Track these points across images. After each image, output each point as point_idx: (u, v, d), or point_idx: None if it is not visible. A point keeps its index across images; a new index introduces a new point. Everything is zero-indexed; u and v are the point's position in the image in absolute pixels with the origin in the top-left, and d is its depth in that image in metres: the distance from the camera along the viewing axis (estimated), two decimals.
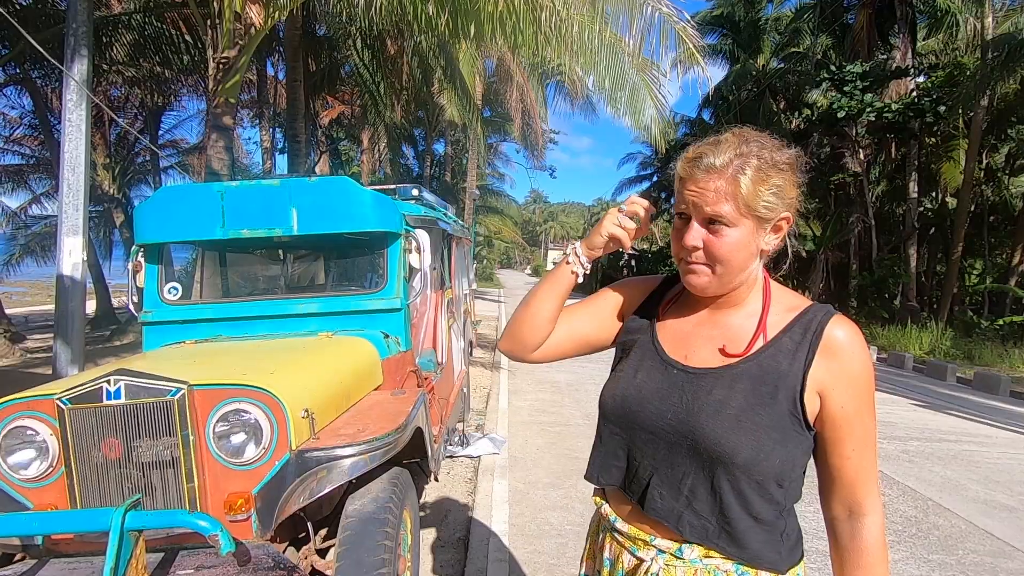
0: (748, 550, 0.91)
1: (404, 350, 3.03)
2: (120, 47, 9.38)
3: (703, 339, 0.99)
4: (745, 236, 0.90)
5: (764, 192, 0.88)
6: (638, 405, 0.98)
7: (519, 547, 3.18)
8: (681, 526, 0.93)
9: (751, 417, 0.89)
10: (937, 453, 5.15)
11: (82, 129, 4.72)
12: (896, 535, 3.50)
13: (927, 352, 11.34)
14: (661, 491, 0.95)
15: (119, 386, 1.80)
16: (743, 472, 0.89)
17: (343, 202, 2.86)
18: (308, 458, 1.89)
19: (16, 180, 16.11)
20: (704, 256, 0.91)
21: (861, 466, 0.92)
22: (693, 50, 6.07)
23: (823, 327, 0.91)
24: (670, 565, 0.94)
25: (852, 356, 0.90)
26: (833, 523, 0.97)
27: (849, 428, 0.90)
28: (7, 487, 1.86)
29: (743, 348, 0.94)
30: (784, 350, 0.92)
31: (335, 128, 19.92)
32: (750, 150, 0.88)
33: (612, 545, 1.04)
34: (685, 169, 0.91)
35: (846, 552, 0.94)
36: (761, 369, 0.92)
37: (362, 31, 10.05)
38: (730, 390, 0.92)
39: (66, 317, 4.70)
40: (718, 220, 0.89)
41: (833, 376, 0.90)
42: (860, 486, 0.92)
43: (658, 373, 0.99)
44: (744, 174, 0.87)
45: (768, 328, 0.95)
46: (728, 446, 0.88)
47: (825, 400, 0.90)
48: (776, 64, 19.32)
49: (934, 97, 12.86)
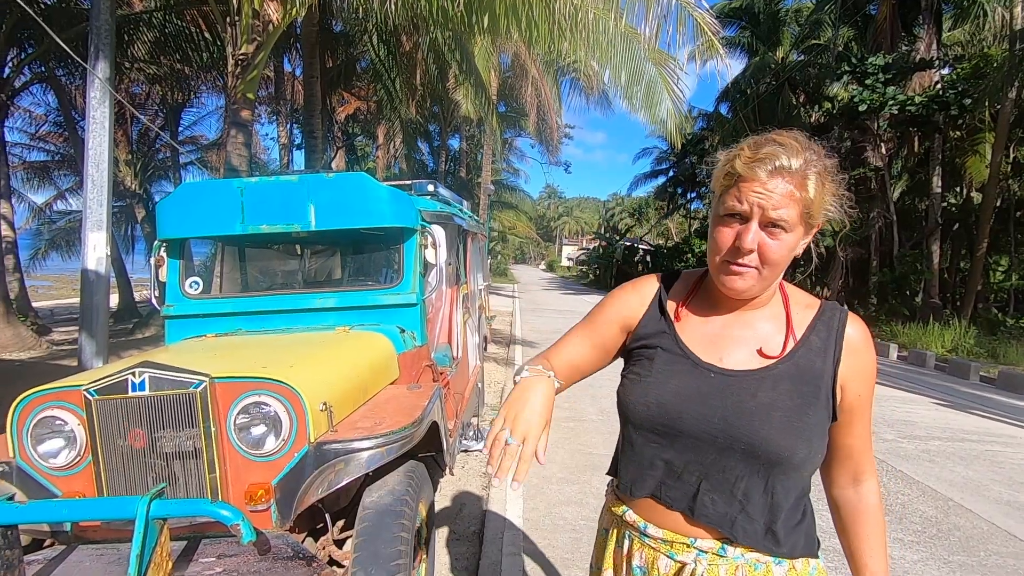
0: (787, 547, 0.96)
1: (420, 345, 3.06)
2: (141, 45, 9.54)
3: (735, 341, 0.98)
4: (796, 240, 0.90)
5: (825, 199, 0.89)
6: (678, 412, 0.96)
7: (533, 541, 3.20)
8: (735, 531, 0.94)
9: (801, 418, 0.92)
10: (959, 453, 5.06)
11: (105, 126, 4.81)
12: (916, 535, 3.45)
13: (949, 350, 11.12)
14: (712, 496, 0.95)
15: (144, 378, 1.84)
16: (796, 471, 0.94)
17: (360, 198, 2.88)
18: (326, 450, 1.92)
19: (41, 176, 16.52)
20: (755, 259, 0.90)
21: (867, 440, 1.01)
22: (711, 38, 5.97)
23: (844, 326, 0.97)
24: (713, 564, 0.95)
25: (867, 353, 0.97)
26: (839, 492, 1.03)
27: (862, 412, 0.98)
28: (37, 475, 1.92)
29: (780, 349, 0.96)
30: (815, 349, 0.96)
31: (351, 124, 20.05)
32: (812, 156, 0.88)
33: (643, 551, 1.01)
34: (749, 169, 0.87)
35: (853, 513, 1.02)
36: (799, 369, 0.94)
37: (378, 27, 10.09)
38: (774, 392, 0.93)
39: (91, 310, 4.80)
40: (779, 224, 0.87)
41: (853, 371, 0.96)
42: (863, 456, 1.01)
43: (693, 378, 0.97)
44: (810, 180, 0.87)
45: (795, 327, 0.98)
46: (787, 449, 0.91)
47: (845, 391, 0.96)
48: (796, 57, 19.01)
49: (959, 89, 12.55)
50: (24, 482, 1.92)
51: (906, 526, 3.57)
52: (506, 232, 33.31)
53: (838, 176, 0.92)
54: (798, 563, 0.96)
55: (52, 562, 1.76)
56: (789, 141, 0.89)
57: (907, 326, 12.45)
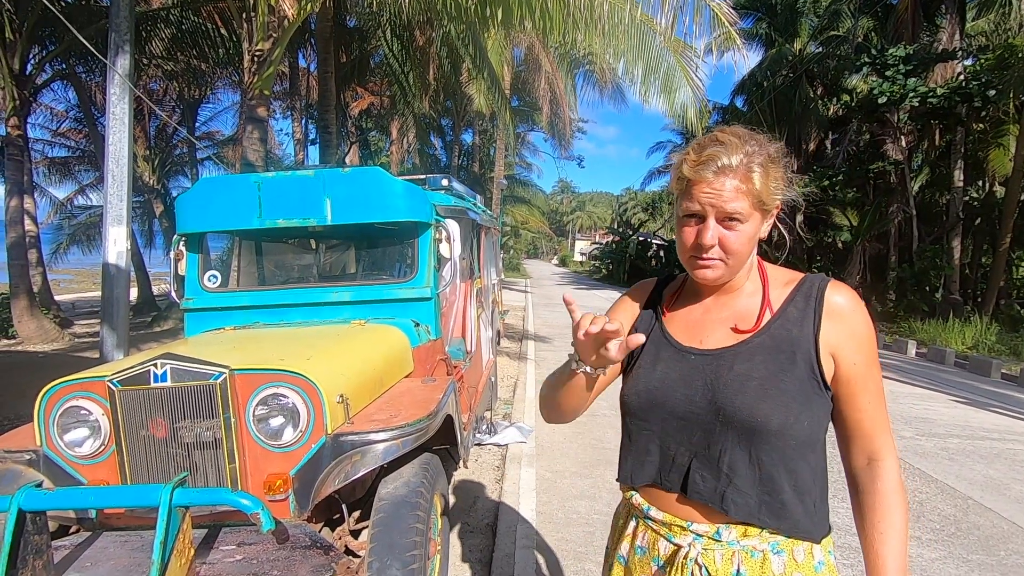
0: (787, 520, 0.95)
1: (434, 338, 3.08)
2: (159, 41, 9.64)
3: (713, 323, 1.04)
4: (754, 228, 0.96)
5: (771, 185, 0.95)
6: (664, 395, 1.01)
7: (547, 534, 3.21)
8: (726, 505, 0.96)
9: (776, 384, 0.94)
10: (979, 451, 4.98)
11: (125, 122, 4.88)
12: (934, 534, 3.41)
13: (970, 347, 10.91)
14: (702, 473, 0.98)
15: (165, 369, 1.88)
16: (777, 439, 0.94)
17: (375, 192, 2.90)
18: (343, 442, 1.95)
19: (63, 172, 16.81)
20: (718, 251, 0.96)
21: (877, 416, 0.98)
22: (729, 28, 5.89)
23: (823, 293, 0.99)
24: (708, 549, 0.97)
25: (855, 316, 0.97)
26: (855, 473, 1.01)
27: (863, 383, 0.97)
28: (63, 463, 1.97)
29: (753, 323, 1.00)
30: (791, 319, 0.99)
31: (365, 119, 20.12)
32: (753, 148, 0.94)
33: (646, 533, 1.06)
34: (696, 172, 0.93)
35: (869, 496, 0.98)
36: (774, 339, 0.98)
37: (392, 21, 10.10)
38: (750, 363, 0.97)
39: (111, 304, 4.89)
40: (734, 217, 0.93)
41: (841, 337, 0.96)
42: (877, 434, 0.98)
43: (677, 362, 1.03)
44: (754, 171, 0.92)
45: (772, 301, 1.02)
46: (760, 415, 0.93)
47: (838, 360, 0.97)
48: (814, 48, 18.66)
49: (983, 81, 12.24)
50: (51, 470, 1.97)
51: (924, 524, 3.52)
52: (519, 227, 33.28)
53: (783, 160, 0.97)
54: (798, 552, 0.95)
55: (78, 547, 1.81)
56: (729, 138, 0.94)
57: (926, 322, 12.23)
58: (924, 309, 13.37)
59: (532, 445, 4.70)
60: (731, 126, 0.98)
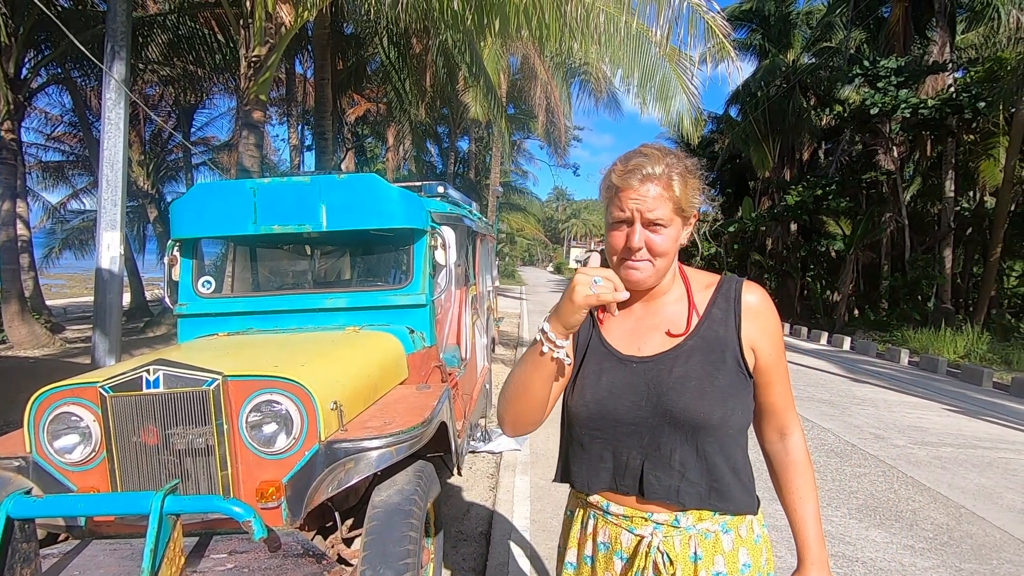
0: (731, 501, 1.07)
1: (429, 345, 3.07)
2: (155, 47, 9.64)
3: (647, 329, 1.11)
4: (676, 232, 1.05)
5: (689, 194, 1.04)
6: (613, 404, 1.07)
7: (541, 543, 3.20)
8: (681, 498, 1.05)
9: (711, 382, 1.04)
10: (971, 460, 5.00)
11: (120, 127, 4.88)
12: (927, 543, 3.41)
13: (962, 356, 10.99)
14: (656, 474, 1.06)
15: (158, 376, 1.86)
16: (719, 431, 1.04)
17: (371, 199, 2.90)
18: (336, 449, 1.94)
19: (56, 176, 16.73)
20: (646, 253, 1.04)
21: (787, 397, 1.13)
22: (723, 40, 5.96)
23: (739, 294, 1.09)
24: (668, 536, 1.06)
25: (767, 314, 1.09)
26: (770, 447, 1.16)
27: (777, 371, 1.10)
28: (53, 470, 1.95)
29: (684, 327, 1.09)
30: (716, 320, 1.08)
31: (361, 125, 20.15)
32: (672, 160, 1.03)
33: (606, 528, 1.12)
34: (623, 180, 1.01)
35: (782, 466, 1.15)
36: (705, 341, 1.07)
37: (388, 29, 10.15)
38: (687, 365, 1.05)
39: (104, 309, 4.86)
40: (658, 221, 1.01)
41: (757, 332, 1.08)
42: (786, 413, 1.13)
43: (620, 371, 1.09)
44: (674, 180, 1.01)
45: (697, 305, 1.11)
46: (701, 413, 1.02)
47: (758, 353, 1.08)
48: (807, 59, 18.88)
49: (973, 93, 12.41)
50: (40, 477, 1.95)
51: (917, 533, 3.53)
52: (514, 234, 33.35)
53: (699, 172, 1.07)
54: (743, 528, 1.08)
55: (67, 556, 1.79)
56: (652, 151, 1.03)
57: (918, 331, 12.31)
58: (916, 318, 13.46)
59: (526, 453, 4.69)
60: (651, 143, 1.09)
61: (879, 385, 8.40)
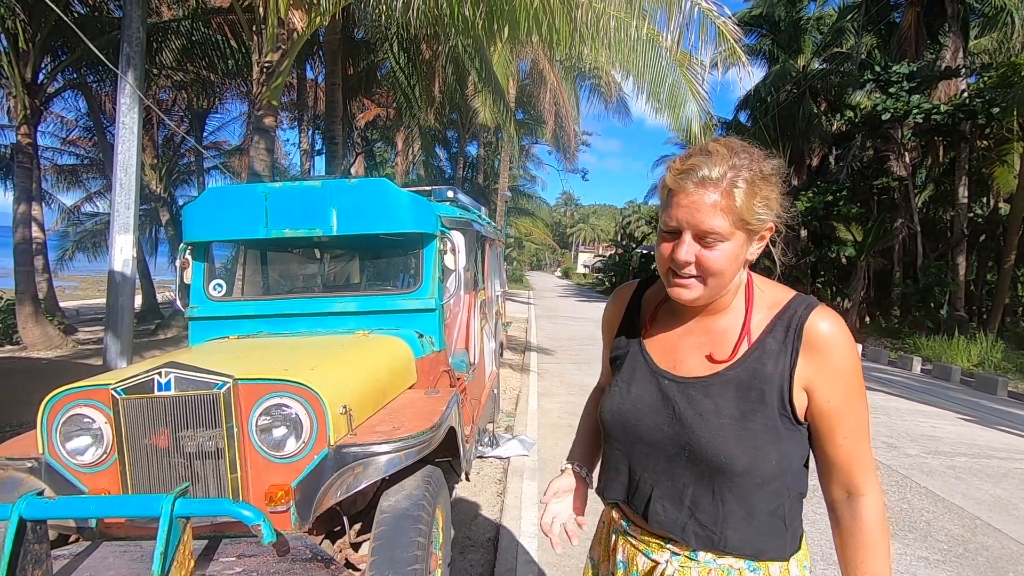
0: (751, 547, 0.93)
1: (438, 350, 3.07)
2: (169, 52, 9.76)
3: (691, 347, 0.99)
4: (737, 248, 0.89)
5: (756, 205, 0.87)
6: (635, 419, 0.99)
7: (549, 550, 3.17)
8: (687, 536, 0.94)
9: (744, 424, 0.90)
10: (986, 470, 4.92)
11: (134, 131, 4.93)
12: (942, 554, 3.36)
13: (976, 364, 10.84)
14: (664, 503, 0.96)
15: (169, 378, 1.87)
16: (743, 478, 0.90)
17: (381, 203, 2.91)
18: (345, 453, 1.94)
19: (71, 179, 16.95)
20: (695, 270, 0.90)
21: (855, 451, 0.93)
22: (734, 45, 5.94)
23: (803, 323, 0.92)
24: (684, 567, 0.96)
25: (834, 350, 0.90)
26: (834, 505, 0.97)
27: (839, 418, 0.91)
28: (65, 471, 1.96)
29: (729, 354, 0.95)
30: (769, 352, 0.92)
31: (370, 130, 20.27)
32: (741, 162, 0.87)
33: (626, 547, 1.05)
34: (676, 182, 0.88)
35: (848, 533, 0.94)
36: (749, 374, 0.92)
37: (399, 35, 10.22)
38: (721, 398, 0.92)
39: (116, 311, 4.91)
40: (712, 235, 0.87)
41: (817, 372, 0.90)
42: (856, 470, 0.93)
43: (650, 385, 1.00)
44: (738, 187, 0.85)
45: (752, 329, 0.95)
46: (726, 456, 0.89)
47: (812, 395, 0.91)
48: (817, 65, 18.78)
49: (987, 98, 12.29)
50: (52, 478, 1.96)
51: (931, 544, 3.47)
52: (522, 238, 33.37)
53: (776, 179, 0.90)
54: (774, 568, 0.94)
55: (78, 557, 1.80)
56: (718, 149, 0.87)
57: (931, 339, 12.17)
58: (929, 325, 13.31)
59: (534, 458, 4.67)
60: (727, 137, 0.93)
61: (891, 393, 8.29)
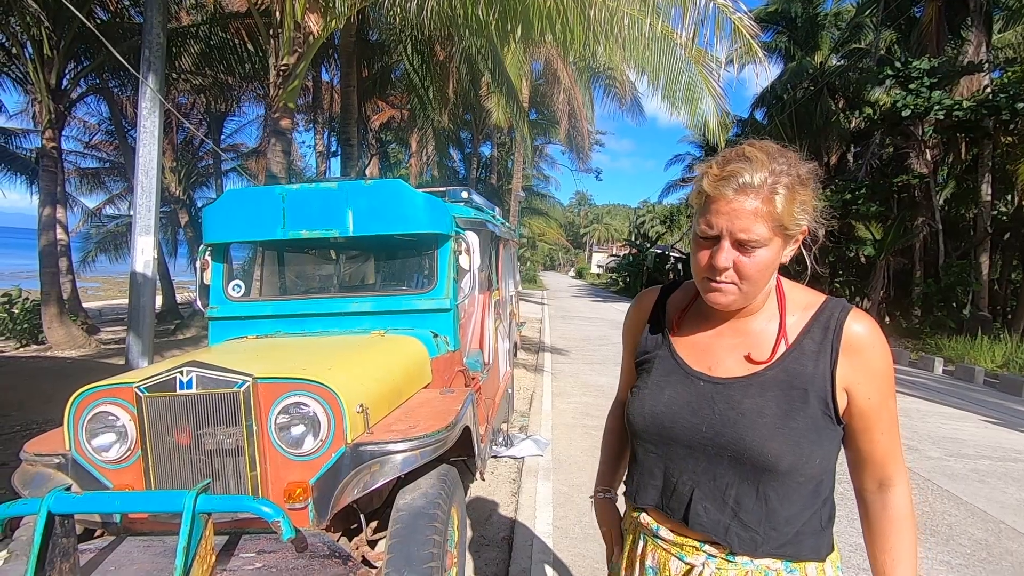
0: (791, 547, 0.94)
1: (453, 350, 3.09)
2: (188, 57, 9.94)
3: (725, 349, 0.99)
4: (774, 254, 0.90)
5: (795, 210, 0.87)
6: (671, 421, 0.98)
7: (563, 550, 3.18)
8: (729, 538, 0.94)
9: (788, 423, 0.91)
10: (1011, 473, 4.81)
11: (155, 135, 5.03)
12: (965, 559, 3.30)
13: (1000, 365, 10.60)
14: (705, 504, 0.96)
15: (191, 377, 1.91)
16: (787, 477, 0.91)
17: (397, 204, 2.94)
18: (363, 452, 1.96)
19: (93, 182, 17.33)
20: (733, 275, 0.90)
21: (889, 445, 0.95)
22: (750, 41, 5.88)
23: (842, 325, 0.93)
24: (722, 569, 0.95)
25: (873, 351, 0.92)
26: (865, 495, 0.99)
27: (877, 416, 0.93)
28: (91, 468, 2.01)
29: (768, 354, 0.95)
30: (807, 352, 0.93)
31: (385, 131, 20.41)
32: (781, 167, 0.86)
33: (656, 552, 1.03)
34: (715, 188, 0.87)
35: (878, 521, 0.97)
36: (788, 374, 0.93)
37: (413, 36, 10.28)
38: (762, 398, 0.93)
39: (138, 311, 5.01)
40: (751, 242, 0.87)
41: (857, 372, 0.92)
42: (890, 462, 0.96)
43: (684, 387, 0.99)
44: (778, 193, 0.85)
45: (788, 331, 0.96)
46: (772, 455, 0.90)
47: (852, 395, 0.92)
48: (835, 61, 18.52)
49: (1011, 93, 12.02)
50: (79, 474, 2.01)
51: (954, 548, 3.41)
52: (536, 239, 33.34)
53: (813, 182, 0.90)
54: (811, 569, 0.95)
55: (103, 551, 1.84)
56: (756, 154, 0.87)
57: (953, 339, 11.93)
58: (951, 326, 13.04)
59: (549, 458, 4.67)
60: (762, 140, 0.92)
61: (912, 395, 8.15)
